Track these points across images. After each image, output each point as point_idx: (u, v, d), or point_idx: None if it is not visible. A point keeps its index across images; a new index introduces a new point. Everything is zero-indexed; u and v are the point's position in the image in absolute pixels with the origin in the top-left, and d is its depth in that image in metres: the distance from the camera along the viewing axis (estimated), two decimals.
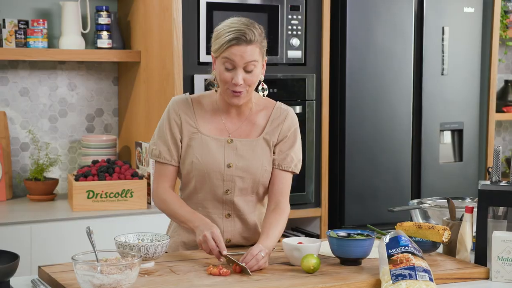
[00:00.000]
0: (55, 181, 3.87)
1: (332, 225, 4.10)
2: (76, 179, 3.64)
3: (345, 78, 4.03)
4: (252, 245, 2.56)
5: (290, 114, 2.61)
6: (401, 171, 4.20)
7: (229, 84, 2.45)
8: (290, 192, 3.91)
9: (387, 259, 2.26)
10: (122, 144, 4.16)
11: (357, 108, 4.06)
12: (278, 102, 2.65)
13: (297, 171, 2.61)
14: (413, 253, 2.27)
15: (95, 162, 3.77)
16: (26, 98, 4.00)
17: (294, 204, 3.97)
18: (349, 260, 2.40)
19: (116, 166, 3.70)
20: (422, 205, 2.84)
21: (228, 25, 2.44)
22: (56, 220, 3.47)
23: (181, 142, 2.55)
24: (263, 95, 2.61)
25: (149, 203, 3.70)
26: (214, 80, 2.56)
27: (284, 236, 4.05)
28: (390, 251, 2.28)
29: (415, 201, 2.92)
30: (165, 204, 2.55)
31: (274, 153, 2.58)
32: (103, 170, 3.66)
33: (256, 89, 2.58)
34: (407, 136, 4.20)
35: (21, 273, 2.45)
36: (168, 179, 2.57)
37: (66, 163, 4.10)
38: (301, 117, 3.97)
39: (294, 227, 4.23)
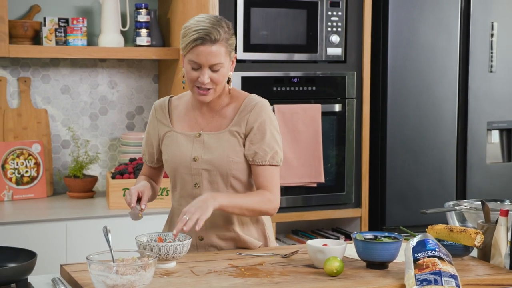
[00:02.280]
0: (94, 179, 3.88)
1: (372, 226, 4.02)
2: (113, 177, 3.64)
3: (387, 76, 3.93)
4: (228, 244, 2.58)
5: (258, 105, 2.54)
6: (445, 172, 4.08)
7: (195, 82, 2.46)
8: (329, 192, 3.90)
9: (412, 263, 2.18)
10: None
11: (399, 106, 3.97)
12: (251, 94, 2.60)
13: (276, 163, 2.52)
14: (440, 258, 2.18)
15: (132, 160, 3.77)
16: (67, 96, 4.02)
17: (333, 204, 3.93)
18: (375, 263, 2.33)
19: None
20: (458, 208, 2.74)
21: (194, 23, 2.44)
22: (91, 217, 3.47)
23: (158, 142, 2.63)
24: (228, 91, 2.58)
25: None
26: (183, 77, 2.56)
27: (323, 236, 3.99)
28: (416, 255, 2.20)
29: (451, 203, 2.82)
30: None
31: (244, 146, 2.53)
32: (139, 168, 3.65)
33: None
34: (452, 135, 4.09)
35: (53, 271, 2.51)
36: (148, 176, 2.72)
37: (107, 160, 4.11)
38: (341, 115, 3.90)
39: (335, 228, 4.16)
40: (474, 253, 2.53)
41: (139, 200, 2.51)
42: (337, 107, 3.86)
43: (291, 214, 3.83)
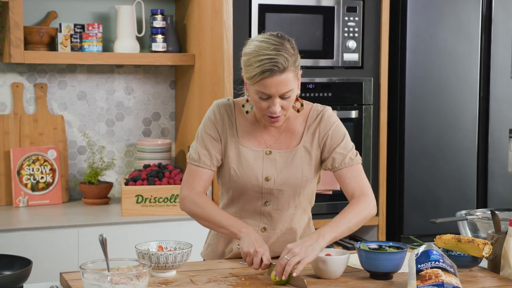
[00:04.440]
0: (109, 185, 3.87)
1: (390, 235, 3.95)
2: (126, 183, 3.62)
3: (405, 82, 3.87)
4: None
5: (324, 114, 2.46)
6: (465, 180, 4.00)
7: (265, 111, 2.33)
8: (345, 199, 3.81)
9: (415, 274, 2.12)
10: (179, 148, 4.13)
11: (417, 112, 3.89)
12: (314, 104, 2.51)
13: (357, 161, 2.44)
14: (444, 269, 2.12)
15: (146, 166, 3.75)
16: (83, 102, 4.02)
17: None
18: (379, 274, 2.27)
19: (166, 171, 3.67)
20: (469, 217, 2.66)
21: (257, 50, 2.26)
22: (103, 224, 3.46)
23: (221, 148, 2.46)
24: (297, 111, 2.44)
25: None
26: (247, 101, 2.44)
27: (340, 244, 3.93)
28: (419, 265, 2.14)
29: (463, 212, 2.75)
30: (200, 207, 2.41)
31: (323, 157, 2.45)
32: (153, 175, 3.63)
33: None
34: (472, 142, 4.00)
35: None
36: (204, 183, 2.45)
37: (123, 167, 4.10)
38: (358, 122, 3.84)
39: (352, 236, 4.10)
40: (486, 264, 2.45)
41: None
42: (353, 114, 3.80)
43: None
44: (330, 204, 3.83)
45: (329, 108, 2.50)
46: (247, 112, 2.42)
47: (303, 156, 2.44)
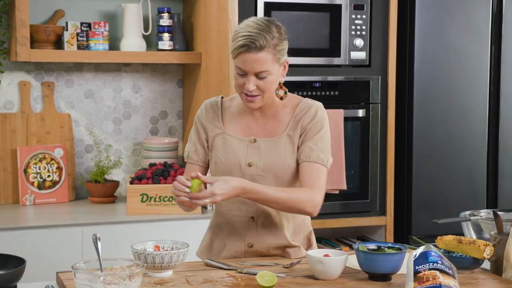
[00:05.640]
0: (115, 184, 3.86)
1: (398, 235, 3.91)
2: (131, 182, 3.61)
3: (413, 80, 3.82)
4: (277, 252, 2.51)
5: (313, 107, 2.48)
6: (475, 179, 3.95)
7: (242, 88, 2.40)
8: (352, 199, 3.81)
9: (413, 276, 2.09)
10: None
11: (426, 111, 3.85)
12: (305, 98, 2.54)
13: (322, 161, 2.44)
14: (442, 271, 2.08)
15: (152, 165, 3.74)
16: (90, 100, 4.01)
17: (356, 212, 3.83)
18: (377, 275, 2.23)
19: (171, 170, 3.65)
20: (472, 218, 2.62)
21: (243, 27, 2.38)
22: (107, 223, 3.45)
23: (207, 143, 2.54)
24: (281, 98, 2.49)
25: (205, 207, 3.64)
26: None
27: (346, 244, 3.90)
28: (417, 267, 2.11)
29: (467, 212, 2.71)
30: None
31: (299, 147, 2.47)
32: (158, 174, 3.62)
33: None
34: (482, 142, 3.95)
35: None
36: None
37: (130, 165, 4.09)
38: (365, 121, 3.80)
39: (360, 236, 4.06)
40: (488, 265, 2.41)
41: None
42: (360, 113, 3.77)
43: (312, 221, 3.71)
44: (342, 203, 3.80)
45: (320, 105, 2.51)
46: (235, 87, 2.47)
47: (286, 144, 2.47)
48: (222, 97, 2.59)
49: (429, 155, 3.87)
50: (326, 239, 4.04)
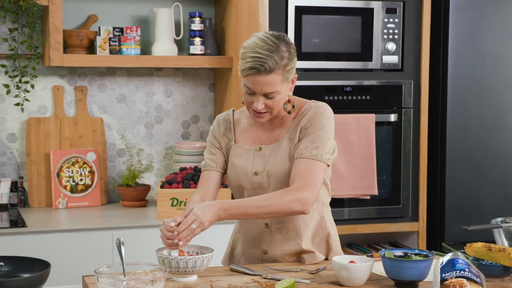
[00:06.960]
0: (147, 188, 3.88)
1: (431, 241, 3.85)
2: (162, 186, 3.62)
3: (447, 85, 3.77)
4: (293, 259, 2.50)
5: (313, 108, 2.44)
6: (510, 185, 3.88)
7: (250, 105, 2.40)
8: (384, 204, 3.76)
9: (439, 284, 2.05)
10: None
11: (460, 116, 3.79)
12: (311, 100, 2.50)
13: (314, 157, 2.37)
14: (469, 279, 2.04)
15: (182, 169, 3.74)
16: (123, 105, 4.03)
17: (388, 217, 3.79)
18: (404, 282, 2.20)
19: None
20: (504, 225, 2.57)
21: (252, 46, 2.33)
22: (138, 227, 3.46)
23: (222, 151, 2.57)
24: (289, 113, 2.46)
25: None
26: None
27: (377, 250, 3.86)
28: (444, 274, 2.07)
29: (499, 219, 2.65)
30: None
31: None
32: (188, 178, 3.62)
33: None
34: None
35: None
36: (208, 184, 2.53)
37: (162, 169, 4.10)
38: (397, 125, 3.76)
39: (392, 242, 4.01)
40: None
41: None
42: (392, 117, 3.73)
43: (344, 227, 3.71)
44: (374, 209, 3.76)
45: (323, 105, 2.47)
46: (243, 103, 2.46)
47: (287, 147, 2.45)
48: (233, 110, 2.61)
49: (462, 160, 3.81)
50: (357, 244, 4.00)
